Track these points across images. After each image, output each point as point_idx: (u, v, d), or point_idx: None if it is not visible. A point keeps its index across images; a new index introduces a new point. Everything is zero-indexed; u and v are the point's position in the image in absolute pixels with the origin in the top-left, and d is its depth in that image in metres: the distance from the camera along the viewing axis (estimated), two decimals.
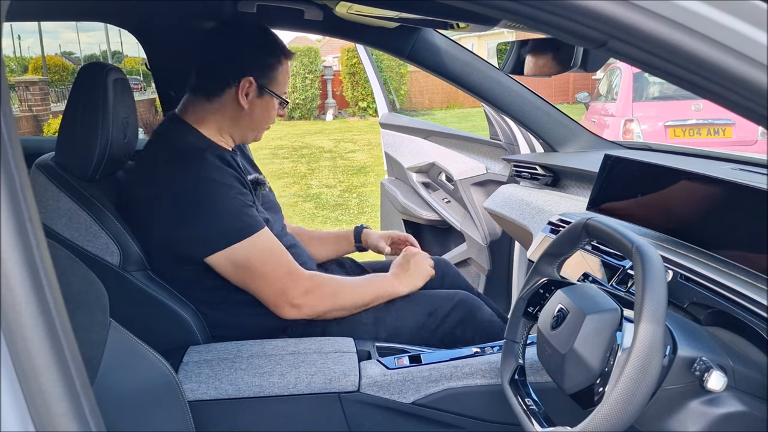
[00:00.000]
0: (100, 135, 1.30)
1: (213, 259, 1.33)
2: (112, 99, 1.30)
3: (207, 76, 1.43)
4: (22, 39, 37.40)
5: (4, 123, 0.46)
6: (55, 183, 1.31)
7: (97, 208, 1.32)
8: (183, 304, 1.38)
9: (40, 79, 12.35)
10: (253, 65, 1.41)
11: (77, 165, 1.33)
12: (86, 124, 1.29)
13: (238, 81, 1.40)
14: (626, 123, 6.02)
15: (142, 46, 2.01)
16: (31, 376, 0.45)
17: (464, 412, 1.23)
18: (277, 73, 1.45)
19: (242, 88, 1.40)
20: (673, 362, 0.84)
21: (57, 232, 1.29)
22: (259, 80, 1.42)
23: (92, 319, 0.79)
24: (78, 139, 1.31)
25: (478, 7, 0.70)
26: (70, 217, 1.29)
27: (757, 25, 0.57)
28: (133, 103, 1.45)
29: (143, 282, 1.34)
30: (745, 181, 1.00)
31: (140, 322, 1.37)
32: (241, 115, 1.44)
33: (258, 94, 1.43)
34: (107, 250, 1.31)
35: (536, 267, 1.12)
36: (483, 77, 1.89)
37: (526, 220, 1.70)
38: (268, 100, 1.45)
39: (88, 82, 1.31)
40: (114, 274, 1.31)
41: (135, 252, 1.35)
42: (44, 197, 1.30)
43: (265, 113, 1.47)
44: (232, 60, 1.42)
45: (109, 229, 1.31)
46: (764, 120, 0.62)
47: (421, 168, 2.80)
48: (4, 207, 0.45)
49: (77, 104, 1.31)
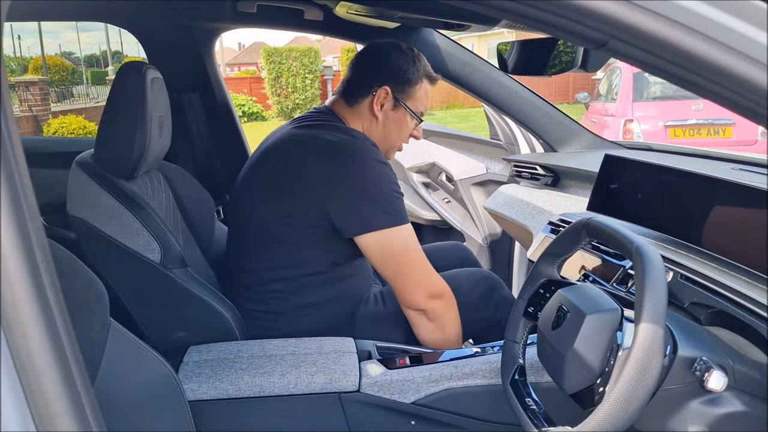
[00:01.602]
0: (139, 133, 1.31)
1: (365, 239, 1.35)
2: (150, 98, 1.32)
3: (351, 83, 1.50)
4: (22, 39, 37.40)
5: (5, 123, 0.46)
6: (95, 180, 1.32)
7: (138, 206, 1.33)
8: (221, 301, 1.39)
9: (41, 79, 12.33)
10: (393, 77, 1.46)
11: (117, 163, 1.34)
12: (126, 123, 1.31)
13: (375, 89, 1.46)
14: (626, 123, 6.02)
15: (142, 46, 2.01)
16: (31, 375, 0.45)
17: (464, 412, 1.23)
18: (415, 90, 1.49)
19: (378, 96, 1.46)
20: (673, 362, 0.84)
21: (99, 228, 1.30)
22: (396, 93, 1.47)
23: (93, 319, 0.79)
24: (118, 138, 1.32)
25: (478, 7, 0.70)
26: (111, 214, 1.31)
27: (757, 25, 0.57)
28: (167, 102, 1.46)
29: (183, 279, 1.36)
30: (745, 181, 1.00)
31: (180, 318, 1.39)
32: (374, 125, 1.49)
33: (393, 106, 1.48)
34: (148, 248, 1.32)
35: (536, 267, 1.12)
36: (483, 77, 1.89)
37: (527, 220, 1.70)
38: (402, 115, 1.50)
39: (127, 81, 1.33)
40: (155, 271, 1.33)
41: (175, 249, 1.36)
42: (85, 195, 1.32)
43: (398, 128, 1.51)
44: (374, 69, 1.48)
45: (149, 226, 1.33)
46: (764, 120, 0.62)
47: (421, 168, 2.80)
48: (4, 206, 0.45)
49: (117, 103, 1.32)
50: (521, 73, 1.69)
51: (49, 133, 10.27)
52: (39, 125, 11.28)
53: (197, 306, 1.36)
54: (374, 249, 1.36)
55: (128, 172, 1.34)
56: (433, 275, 1.40)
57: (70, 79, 20.10)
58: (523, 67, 1.64)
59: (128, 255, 1.31)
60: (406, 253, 1.36)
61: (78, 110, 12.57)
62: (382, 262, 1.37)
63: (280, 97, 15.84)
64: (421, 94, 1.51)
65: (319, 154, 1.36)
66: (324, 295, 1.43)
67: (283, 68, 15.68)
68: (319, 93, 16.00)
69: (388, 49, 1.48)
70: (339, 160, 1.35)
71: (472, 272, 1.60)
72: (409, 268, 1.37)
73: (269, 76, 15.86)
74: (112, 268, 1.35)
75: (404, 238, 1.36)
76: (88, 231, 1.32)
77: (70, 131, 10.37)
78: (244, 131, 2.38)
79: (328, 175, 1.34)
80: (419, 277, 1.37)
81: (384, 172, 1.37)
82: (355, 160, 1.35)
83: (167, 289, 1.34)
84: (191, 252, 1.51)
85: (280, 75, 15.71)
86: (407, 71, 1.47)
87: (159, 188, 1.50)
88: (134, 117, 1.30)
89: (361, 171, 1.35)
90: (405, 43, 1.51)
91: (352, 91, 1.49)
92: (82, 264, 0.81)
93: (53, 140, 4.10)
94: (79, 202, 1.33)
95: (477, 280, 1.55)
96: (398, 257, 1.36)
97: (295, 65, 15.59)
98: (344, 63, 15.81)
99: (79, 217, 1.32)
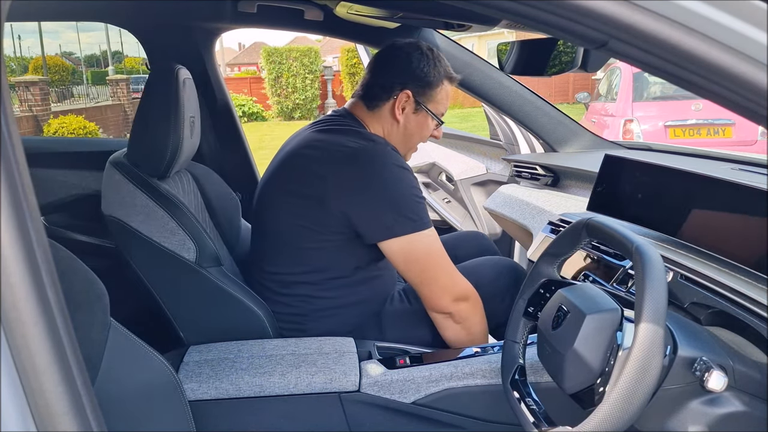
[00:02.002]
0: (173, 133, 1.32)
1: (389, 244, 1.34)
2: (183, 98, 1.33)
3: (371, 86, 1.47)
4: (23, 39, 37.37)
5: (5, 123, 0.46)
6: (130, 180, 1.33)
7: (173, 205, 1.34)
8: (255, 300, 1.40)
9: (41, 79, 12.34)
10: (414, 80, 1.44)
11: (151, 163, 1.35)
12: (160, 123, 1.32)
13: (396, 93, 1.43)
14: (626, 123, 6.02)
15: (142, 46, 2.01)
16: (32, 374, 0.45)
17: (464, 412, 1.23)
18: (436, 92, 1.47)
19: (399, 100, 1.44)
20: (673, 362, 0.84)
21: (134, 228, 1.31)
22: (417, 96, 1.44)
23: (93, 319, 0.79)
24: (151, 138, 1.33)
25: (478, 7, 0.70)
26: (147, 214, 1.32)
27: (757, 25, 0.57)
28: (197, 102, 1.47)
29: (217, 278, 1.37)
30: (745, 181, 1.00)
31: (215, 317, 1.40)
32: (395, 128, 1.47)
33: (414, 109, 1.46)
34: (183, 247, 1.33)
35: (536, 267, 1.12)
36: (483, 77, 1.89)
37: (527, 220, 1.70)
38: (423, 118, 1.47)
39: (160, 81, 1.33)
40: (190, 270, 1.34)
41: (211, 248, 1.37)
42: (120, 194, 1.33)
43: (419, 130, 1.49)
44: (394, 73, 1.45)
45: (185, 225, 1.34)
46: (764, 120, 0.62)
47: (421, 168, 2.80)
48: (5, 206, 0.45)
49: (150, 103, 1.33)
50: (521, 73, 1.69)
51: (49, 133, 10.27)
52: (39, 125, 11.28)
53: (232, 305, 1.36)
54: (398, 254, 1.35)
55: (162, 171, 1.35)
56: (457, 277, 1.39)
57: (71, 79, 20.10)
58: (523, 67, 1.64)
59: (164, 254, 1.33)
60: (429, 258, 1.36)
61: (78, 110, 12.57)
62: (406, 267, 1.37)
63: (280, 97, 15.83)
64: (443, 96, 1.48)
65: (340, 161, 1.35)
66: (348, 298, 1.43)
67: (283, 68, 15.68)
68: (319, 93, 16.00)
69: (409, 51, 1.46)
70: (360, 167, 1.34)
71: (496, 261, 1.60)
72: (434, 273, 1.36)
73: (269, 76, 15.86)
74: (147, 267, 1.36)
75: (428, 242, 1.35)
76: (123, 230, 1.33)
77: (70, 131, 10.38)
78: (245, 131, 2.38)
79: (350, 183, 1.33)
80: (444, 281, 1.37)
81: (405, 177, 1.36)
82: (375, 165, 1.34)
83: (202, 288, 1.35)
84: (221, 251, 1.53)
85: (280, 75, 15.70)
86: (428, 74, 1.44)
87: (189, 188, 1.51)
88: (168, 117, 1.31)
89: (383, 177, 1.34)
90: (426, 44, 1.49)
91: (372, 94, 1.47)
92: (82, 264, 0.81)
93: (53, 140, 4.10)
94: (114, 201, 1.34)
95: (501, 269, 1.55)
96: (422, 262, 1.35)
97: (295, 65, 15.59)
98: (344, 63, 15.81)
99: (114, 217, 1.33)
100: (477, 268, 1.53)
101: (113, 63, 26.31)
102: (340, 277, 1.42)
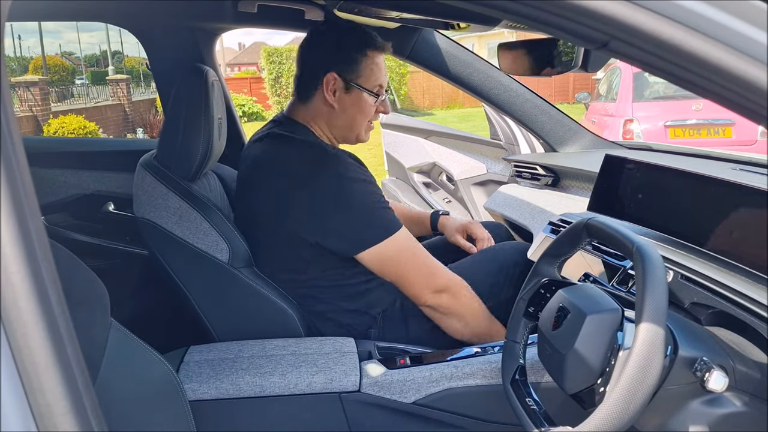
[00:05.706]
0: (203, 135, 1.33)
1: (363, 255, 1.35)
2: (212, 100, 1.33)
3: (299, 79, 1.45)
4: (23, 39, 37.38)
5: (5, 123, 0.46)
6: (162, 182, 1.34)
7: (206, 206, 1.35)
8: (286, 299, 1.41)
9: (41, 80, 12.33)
10: (335, 60, 1.40)
11: (181, 164, 1.36)
12: (191, 126, 1.33)
13: (322, 78, 1.39)
14: (626, 123, 6.02)
15: (143, 46, 2.01)
16: (32, 374, 0.45)
17: (465, 412, 1.23)
18: (362, 67, 1.41)
19: (327, 84, 1.40)
20: (674, 362, 0.84)
21: (168, 230, 1.33)
22: (344, 75, 1.40)
23: (93, 319, 0.79)
24: (182, 140, 1.34)
25: (478, 7, 0.70)
26: (180, 215, 1.33)
27: (757, 25, 0.57)
28: (223, 104, 1.47)
29: (250, 278, 1.38)
30: (745, 181, 1.00)
31: (248, 316, 1.41)
32: (333, 114, 1.43)
33: (345, 89, 1.41)
34: (217, 248, 1.35)
35: (537, 267, 1.12)
36: (484, 77, 1.89)
37: (527, 220, 1.70)
38: (358, 95, 1.42)
39: (190, 84, 1.34)
40: (223, 270, 1.35)
41: (243, 249, 1.38)
42: (153, 196, 1.34)
43: (359, 110, 1.44)
44: (315, 58, 1.42)
45: (218, 226, 1.35)
46: (764, 120, 0.62)
47: (421, 168, 2.80)
48: (5, 206, 0.45)
49: (180, 105, 1.34)
50: (521, 73, 1.69)
51: (50, 133, 10.27)
52: (39, 125, 11.28)
53: (264, 304, 1.38)
54: (373, 262, 1.36)
55: (192, 173, 1.36)
56: (435, 270, 1.39)
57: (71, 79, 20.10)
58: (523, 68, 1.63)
59: (197, 255, 1.34)
60: (402, 256, 1.37)
61: (78, 110, 12.57)
62: (383, 271, 1.38)
63: (280, 97, 15.82)
64: (372, 68, 1.42)
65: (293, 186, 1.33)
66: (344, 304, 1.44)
67: (283, 68, 15.67)
68: None
69: (323, 31, 1.43)
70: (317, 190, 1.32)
71: (516, 245, 1.62)
72: (408, 269, 1.37)
73: (269, 76, 15.86)
74: (181, 268, 1.37)
75: (399, 243, 1.36)
76: (156, 232, 1.34)
77: (70, 131, 10.38)
78: (245, 131, 2.38)
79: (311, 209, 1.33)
80: (418, 275, 1.38)
81: (364, 189, 1.35)
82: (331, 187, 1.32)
83: (235, 288, 1.36)
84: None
85: (281, 75, 15.70)
86: (348, 49, 1.40)
87: (216, 189, 1.52)
88: (198, 120, 1.32)
89: (345, 198, 1.33)
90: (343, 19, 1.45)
91: (302, 88, 1.45)
92: (82, 264, 0.81)
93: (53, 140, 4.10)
94: (146, 203, 1.35)
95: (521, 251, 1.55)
96: (396, 262, 1.36)
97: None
98: None
99: (147, 219, 1.34)
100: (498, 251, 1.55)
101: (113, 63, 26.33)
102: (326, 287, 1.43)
